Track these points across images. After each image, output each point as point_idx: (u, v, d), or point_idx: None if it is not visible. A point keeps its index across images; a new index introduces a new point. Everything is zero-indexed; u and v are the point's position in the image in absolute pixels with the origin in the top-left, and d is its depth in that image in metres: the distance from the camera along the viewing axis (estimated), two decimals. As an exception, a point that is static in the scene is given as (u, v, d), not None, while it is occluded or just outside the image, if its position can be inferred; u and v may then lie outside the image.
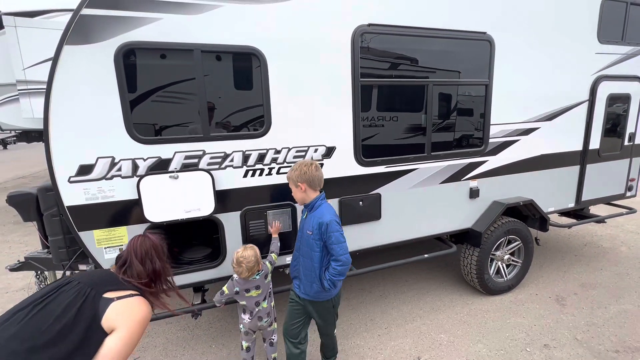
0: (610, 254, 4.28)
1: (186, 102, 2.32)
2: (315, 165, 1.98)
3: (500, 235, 3.19)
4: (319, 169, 1.99)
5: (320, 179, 1.99)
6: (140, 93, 2.29)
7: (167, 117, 2.50)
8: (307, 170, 1.92)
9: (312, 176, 1.94)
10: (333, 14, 2.31)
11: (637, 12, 3.45)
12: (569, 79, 3.29)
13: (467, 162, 2.99)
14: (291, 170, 1.97)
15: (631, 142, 3.80)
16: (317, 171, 1.97)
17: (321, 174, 2.01)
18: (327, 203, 2.04)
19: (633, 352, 2.53)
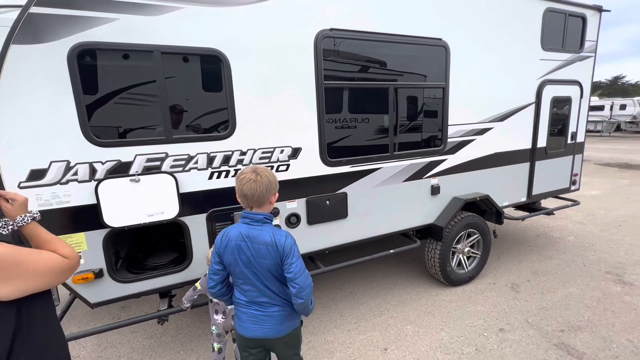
0: (559, 243, 4.66)
1: (147, 104, 2.29)
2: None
3: (460, 229, 3.39)
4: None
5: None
6: (98, 95, 2.23)
7: (128, 119, 2.45)
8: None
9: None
10: (296, 18, 2.37)
11: (574, 22, 3.81)
12: (518, 83, 3.57)
13: (427, 161, 3.15)
14: (271, 175, 1.51)
15: (573, 140, 4.17)
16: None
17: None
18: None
19: (575, 330, 2.79)
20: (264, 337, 1.54)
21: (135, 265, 2.46)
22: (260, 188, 1.45)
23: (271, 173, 1.53)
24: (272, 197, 1.53)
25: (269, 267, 1.46)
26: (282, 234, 1.47)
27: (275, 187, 1.53)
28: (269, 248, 1.44)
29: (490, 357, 2.52)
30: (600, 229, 5.21)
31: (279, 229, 1.52)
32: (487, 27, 3.23)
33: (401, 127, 3.05)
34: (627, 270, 3.81)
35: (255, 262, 1.46)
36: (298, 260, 1.45)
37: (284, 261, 1.44)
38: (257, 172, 1.48)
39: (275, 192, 1.53)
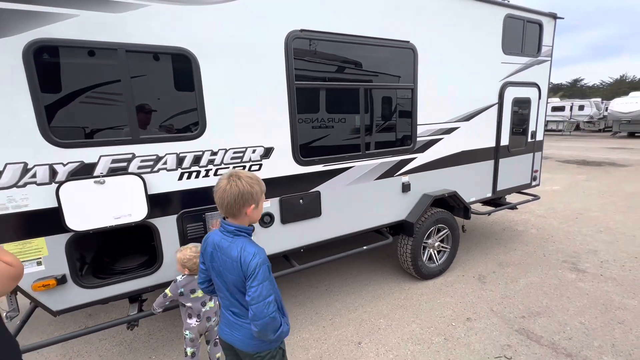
0: (522, 236, 4.95)
1: (113, 104, 2.22)
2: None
3: (430, 224, 3.53)
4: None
5: None
6: (60, 94, 2.15)
7: (93, 119, 2.38)
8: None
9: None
10: (265, 18, 2.38)
11: (532, 28, 4.06)
12: (481, 85, 3.76)
13: (398, 159, 3.26)
14: (247, 185, 1.32)
15: (533, 139, 4.45)
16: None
17: None
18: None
19: (535, 316, 2.99)
20: (232, 345, 1.47)
21: (102, 270, 2.38)
22: (228, 198, 1.29)
23: (247, 181, 1.31)
24: (246, 209, 1.33)
25: (234, 282, 1.33)
26: (250, 252, 1.29)
27: (249, 198, 1.32)
28: (234, 264, 1.30)
29: (457, 345, 2.64)
30: (559, 221, 5.58)
31: (251, 245, 1.33)
32: (452, 31, 3.38)
33: (372, 127, 3.13)
34: (581, 259, 4.11)
35: (223, 273, 1.37)
36: (260, 285, 1.25)
37: (246, 281, 1.29)
38: (230, 180, 1.31)
39: (251, 203, 1.33)
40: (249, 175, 1.35)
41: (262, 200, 1.41)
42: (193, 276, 2.12)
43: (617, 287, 3.44)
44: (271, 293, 1.29)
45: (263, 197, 1.41)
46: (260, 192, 1.37)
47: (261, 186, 1.39)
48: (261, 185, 1.39)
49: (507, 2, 3.84)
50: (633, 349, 2.55)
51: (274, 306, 1.29)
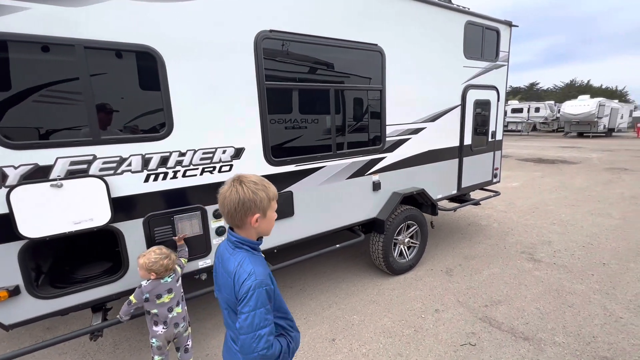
0: (485, 230, 5.25)
1: (71, 102, 2.11)
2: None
3: (400, 221, 3.65)
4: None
5: None
6: (9, 92, 2.01)
7: (49, 119, 2.24)
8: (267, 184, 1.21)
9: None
10: (234, 18, 2.36)
11: (490, 35, 4.32)
12: (446, 87, 3.95)
13: (369, 159, 3.35)
14: (249, 191, 1.14)
15: (493, 138, 4.74)
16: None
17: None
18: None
19: (496, 304, 3.19)
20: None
21: (62, 278, 2.24)
22: (228, 206, 1.14)
23: (250, 187, 1.14)
24: (249, 218, 1.15)
25: (228, 300, 1.17)
26: (247, 270, 1.10)
27: (252, 206, 1.13)
28: (229, 280, 1.13)
29: (426, 336, 2.76)
30: (518, 215, 5.98)
31: (250, 261, 1.13)
32: (418, 35, 3.52)
33: (343, 127, 3.19)
34: (537, 250, 4.44)
35: (222, 288, 1.21)
36: (252, 313, 1.06)
37: (238, 305, 1.10)
38: (231, 185, 1.15)
39: (254, 212, 1.14)
40: (253, 180, 1.17)
41: (271, 209, 1.20)
42: (159, 281, 2.06)
43: (567, 274, 3.75)
44: (265, 324, 1.07)
45: (273, 204, 1.20)
46: (266, 199, 1.16)
47: (268, 192, 1.17)
48: (268, 191, 1.18)
49: (468, 9, 4.06)
50: (580, 328, 2.80)
51: (266, 341, 1.06)
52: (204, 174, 2.40)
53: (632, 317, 2.93)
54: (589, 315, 2.98)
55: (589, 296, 3.28)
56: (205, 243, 2.48)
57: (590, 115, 21.59)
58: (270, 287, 1.12)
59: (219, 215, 2.50)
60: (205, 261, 2.51)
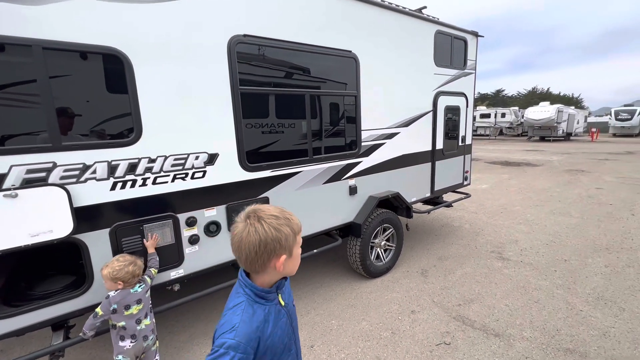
0: (458, 231, 5.44)
1: (28, 106, 1.98)
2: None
3: (376, 225, 3.70)
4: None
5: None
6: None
7: (2, 123, 2.09)
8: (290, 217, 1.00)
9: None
10: (206, 21, 2.31)
11: (458, 44, 4.53)
12: (418, 93, 4.08)
13: (345, 164, 3.38)
14: (272, 229, 0.92)
15: (463, 143, 4.94)
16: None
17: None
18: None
19: (469, 303, 3.30)
20: None
21: (18, 296, 2.07)
22: (247, 249, 0.91)
23: (272, 223, 0.92)
24: (274, 261, 0.94)
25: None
26: (231, 323, 0.90)
27: (277, 247, 0.92)
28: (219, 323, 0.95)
29: (403, 338, 2.81)
30: (488, 216, 6.25)
31: (243, 312, 0.92)
32: (391, 42, 3.62)
33: (318, 132, 3.21)
34: (505, 249, 4.65)
35: None
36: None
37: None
38: (248, 223, 0.92)
39: (280, 254, 0.93)
40: (273, 214, 0.94)
41: (297, 245, 1.00)
42: (128, 290, 1.96)
43: (533, 270, 3.96)
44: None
45: (299, 239, 1.00)
46: (291, 234, 0.95)
47: (292, 225, 0.96)
48: (292, 225, 0.96)
49: (437, 19, 4.23)
50: (545, 323, 2.95)
51: None
52: (176, 181, 2.32)
53: (590, 309, 3.13)
54: (553, 309, 3.15)
55: (552, 291, 3.47)
56: (178, 252, 2.39)
57: (550, 121, 23.08)
58: (246, 356, 0.88)
59: (192, 223, 2.42)
60: (177, 271, 2.42)
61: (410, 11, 3.82)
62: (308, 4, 2.86)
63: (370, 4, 3.33)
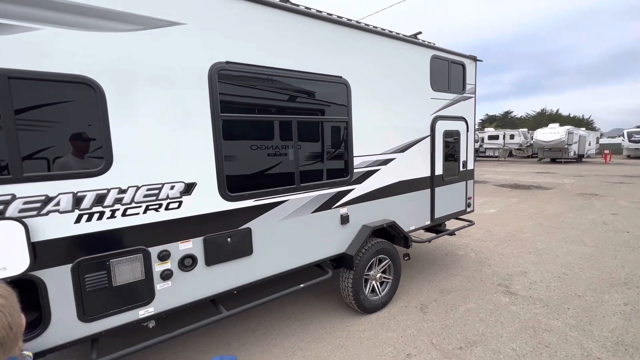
0: (462, 261, 5.14)
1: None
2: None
3: (371, 256, 3.48)
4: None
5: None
6: None
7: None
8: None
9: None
10: (187, 49, 2.27)
11: (456, 69, 4.45)
12: (414, 118, 3.96)
13: (335, 191, 3.23)
14: None
15: (465, 168, 4.75)
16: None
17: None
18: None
19: (471, 346, 3.00)
20: None
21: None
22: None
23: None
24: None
25: None
26: None
27: None
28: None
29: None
30: (495, 244, 5.93)
31: None
32: (385, 67, 3.55)
33: (307, 159, 3.08)
34: (513, 281, 4.33)
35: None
36: None
37: None
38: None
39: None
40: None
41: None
42: None
43: (543, 308, 3.63)
44: None
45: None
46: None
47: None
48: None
49: (433, 44, 4.18)
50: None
51: None
52: (148, 212, 2.19)
53: (609, 357, 2.80)
54: (566, 355, 2.83)
55: (565, 333, 3.15)
56: (148, 289, 2.22)
57: (560, 142, 22.66)
58: None
59: (165, 257, 2.27)
60: (147, 310, 2.24)
61: (404, 37, 3.78)
62: (294, 30, 2.82)
63: (360, 29, 3.30)
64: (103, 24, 1.95)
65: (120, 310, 2.13)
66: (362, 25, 3.34)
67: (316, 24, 2.95)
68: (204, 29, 2.34)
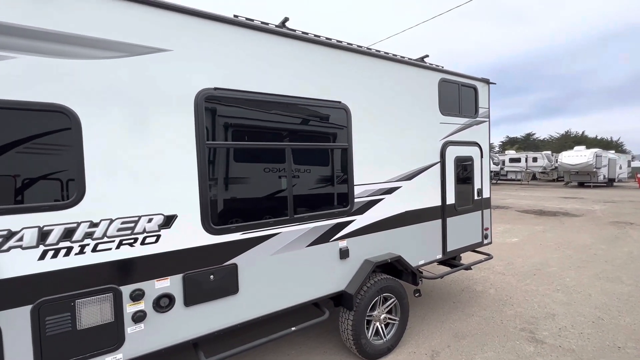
0: (481, 298, 4.66)
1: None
2: None
3: (373, 294, 3.16)
4: None
5: None
6: None
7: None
8: None
9: None
10: (170, 76, 2.18)
11: (467, 92, 4.22)
12: (422, 144, 3.72)
13: (334, 223, 2.98)
14: None
15: (480, 196, 4.40)
16: None
17: None
18: None
19: (490, 408, 2.57)
20: None
21: None
22: None
23: None
24: None
25: None
26: None
27: None
28: None
29: None
30: (517, 279, 5.40)
31: None
32: (388, 92, 3.38)
33: (302, 189, 2.88)
34: (539, 326, 3.83)
35: None
36: None
37: None
38: None
39: None
40: None
41: None
42: None
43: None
44: None
45: None
46: None
47: None
48: None
49: (441, 67, 4.00)
50: None
51: None
52: (122, 248, 2.03)
53: None
54: None
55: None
56: (117, 333, 2.02)
57: (588, 166, 21.52)
58: None
59: (138, 297, 2.07)
60: (115, 356, 2.02)
61: (409, 60, 3.62)
62: (289, 55, 2.71)
63: (359, 53, 3.17)
64: (82, 52, 1.89)
65: (83, 357, 1.92)
66: (361, 49, 3.22)
67: (312, 49, 2.85)
68: (192, 54, 2.25)
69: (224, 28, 2.39)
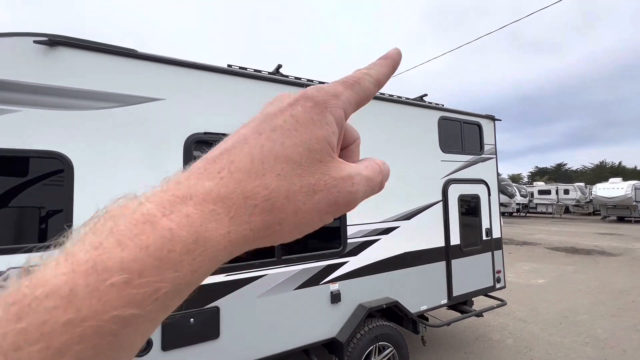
0: (497, 349, 4.25)
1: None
2: None
3: (367, 343, 2.97)
4: None
5: None
6: None
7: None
8: None
9: None
10: (161, 123, 2.32)
11: (471, 129, 4.16)
12: (421, 182, 3.64)
13: (325, 265, 2.91)
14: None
15: (489, 236, 4.16)
16: None
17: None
18: None
19: None
20: None
21: None
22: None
23: None
24: None
25: None
26: None
27: None
28: None
29: None
30: (540, 327, 4.91)
31: None
32: (382, 129, 3.39)
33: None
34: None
35: None
36: None
37: None
38: None
39: None
40: None
41: None
42: None
43: None
44: None
45: None
46: None
47: None
48: None
49: (441, 105, 4.00)
50: None
51: None
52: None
53: None
54: None
55: None
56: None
57: (626, 199, 19.99)
58: None
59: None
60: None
61: (407, 100, 3.66)
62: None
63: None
64: (77, 103, 2.06)
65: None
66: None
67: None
68: (183, 102, 2.40)
69: (216, 77, 2.55)
